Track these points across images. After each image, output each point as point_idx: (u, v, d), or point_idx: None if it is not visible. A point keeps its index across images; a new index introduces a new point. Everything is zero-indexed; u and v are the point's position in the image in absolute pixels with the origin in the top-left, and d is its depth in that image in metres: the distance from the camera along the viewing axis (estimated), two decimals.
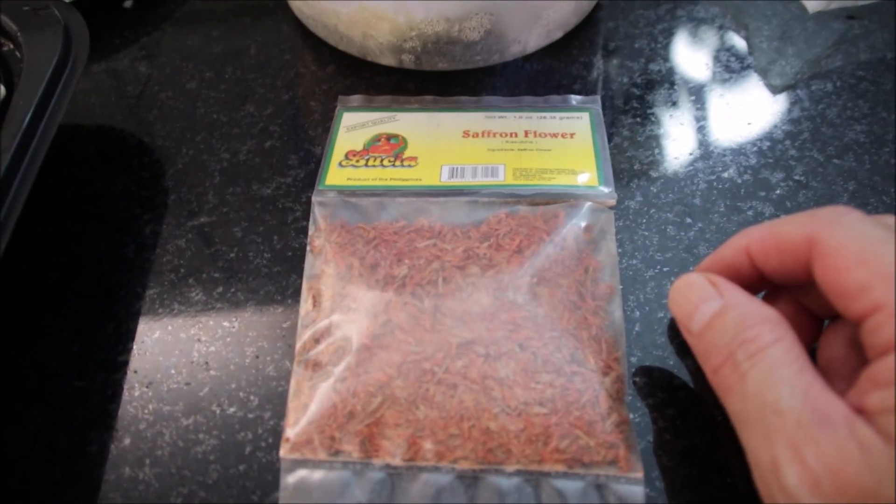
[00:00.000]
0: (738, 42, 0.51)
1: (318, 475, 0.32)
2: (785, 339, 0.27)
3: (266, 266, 0.40)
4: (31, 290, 0.40)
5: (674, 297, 0.32)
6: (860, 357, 0.28)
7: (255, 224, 0.42)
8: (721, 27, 0.52)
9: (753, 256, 0.31)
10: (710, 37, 0.51)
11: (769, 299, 0.33)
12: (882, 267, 0.25)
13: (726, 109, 0.47)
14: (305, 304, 0.37)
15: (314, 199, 0.41)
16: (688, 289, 0.31)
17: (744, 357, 0.27)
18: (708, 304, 0.30)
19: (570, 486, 0.31)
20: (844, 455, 0.23)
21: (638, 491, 0.31)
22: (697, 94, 0.48)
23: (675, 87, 0.48)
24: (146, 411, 0.36)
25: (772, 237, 0.30)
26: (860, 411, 0.25)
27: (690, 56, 0.50)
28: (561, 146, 0.43)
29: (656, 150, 0.45)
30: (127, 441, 0.35)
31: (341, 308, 0.36)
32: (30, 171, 0.36)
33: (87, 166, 0.46)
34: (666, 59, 0.50)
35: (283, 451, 0.33)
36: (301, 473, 0.32)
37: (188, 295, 0.40)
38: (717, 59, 0.50)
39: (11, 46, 0.43)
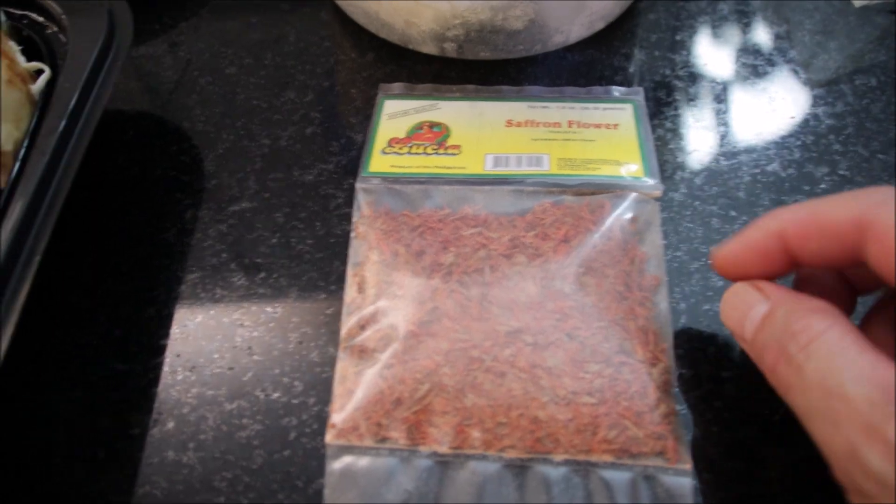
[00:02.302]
0: (780, 36, 0.50)
1: (364, 462, 0.32)
2: (836, 324, 0.26)
3: (309, 252, 0.40)
4: (73, 274, 0.40)
5: (724, 309, 0.31)
6: None
7: (297, 210, 0.42)
8: (763, 21, 0.52)
9: (790, 241, 0.29)
10: (752, 30, 0.51)
11: (805, 276, 0.33)
12: None
13: (769, 103, 0.46)
14: (350, 291, 0.37)
15: (358, 185, 0.41)
16: (735, 297, 0.31)
17: (797, 349, 0.26)
18: (756, 308, 0.29)
19: (618, 477, 0.31)
20: None
21: (686, 483, 0.31)
22: (740, 87, 0.47)
23: (717, 79, 0.48)
24: (189, 395, 0.36)
25: (813, 222, 0.29)
26: None
27: (732, 49, 0.50)
28: (605, 137, 0.42)
29: (700, 143, 0.44)
30: (170, 424, 0.35)
31: (387, 295, 0.36)
32: (76, 153, 0.36)
33: (126, 151, 0.46)
34: (708, 51, 0.50)
35: (329, 437, 0.33)
36: (347, 460, 0.32)
37: (230, 280, 0.40)
38: (758, 52, 0.49)
39: (56, 29, 0.42)
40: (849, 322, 0.27)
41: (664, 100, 0.47)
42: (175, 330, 0.38)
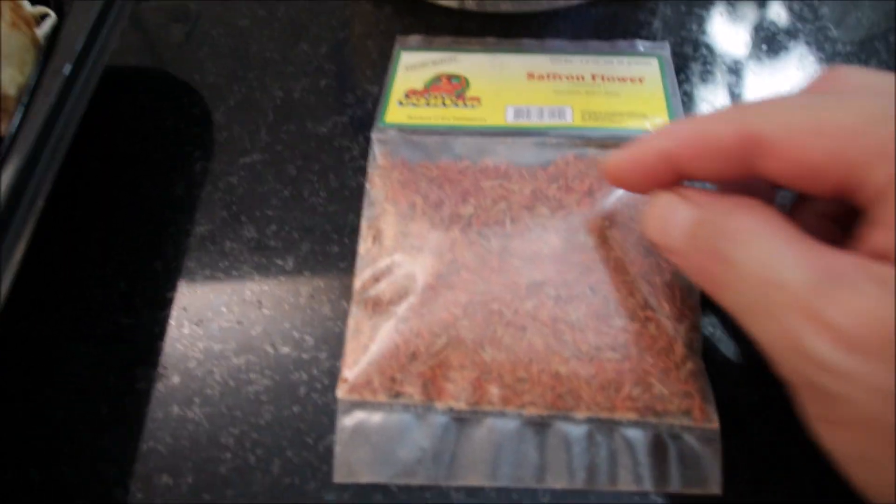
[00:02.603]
0: None
1: (377, 418, 0.31)
2: (767, 216, 0.25)
3: (322, 205, 0.39)
4: (78, 228, 0.39)
5: (647, 222, 0.30)
6: (835, 227, 0.28)
7: (311, 162, 0.41)
8: None
9: (678, 162, 0.28)
10: None
11: None
12: (839, 126, 0.24)
13: (799, 59, 0.45)
14: (365, 243, 0.36)
15: (374, 136, 0.39)
16: (659, 208, 0.29)
17: (730, 247, 0.25)
18: (683, 216, 0.28)
19: (642, 436, 0.30)
20: (872, 300, 0.21)
21: (713, 442, 0.30)
22: (769, 43, 0.46)
23: (746, 36, 0.46)
24: (196, 349, 0.35)
25: (697, 140, 0.27)
26: (875, 258, 0.23)
27: (760, 6, 0.48)
28: (630, 90, 0.41)
29: (728, 98, 0.43)
30: (176, 379, 0.34)
31: (403, 247, 0.34)
32: (81, 98, 0.35)
33: (135, 105, 0.45)
34: (736, 7, 0.48)
35: (341, 392, 0.31)
36: (359, 416, 0.31)
37: (240, 232, 0.38)
38: (790, 8, 0.48)
39: None
40: (778, 212, 0.25)
41: (691, 55, 0.45)
42: (182, 283, 0.37)
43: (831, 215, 0.29)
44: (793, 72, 0.44)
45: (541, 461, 0.30)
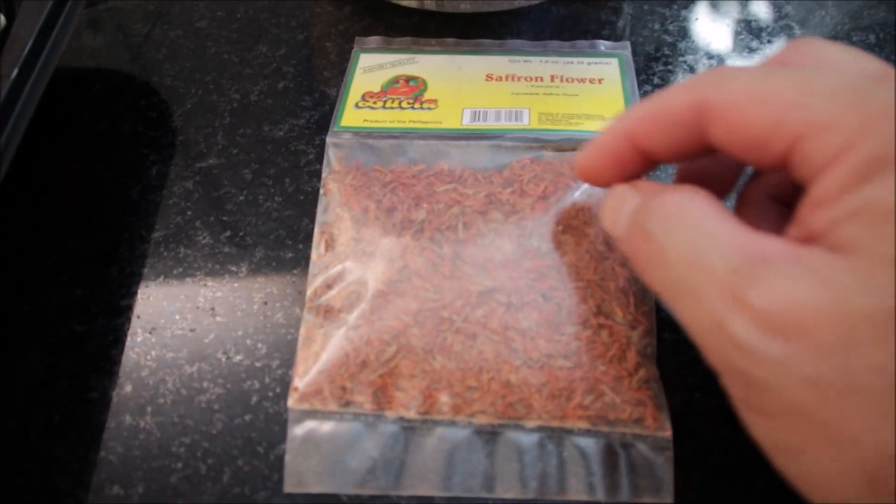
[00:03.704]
0: None
1: (327, 427, 0.31)
2: (696, 197, 0.25)
3: (276, 210, 0.39)
4: (32, 232, 0.38)
5: (602, 213, 0.30)
6: (781, 208, 0.28)
7: (266, 166, 0.40)
8: None
9: (638, 140, 0.28)
10: None
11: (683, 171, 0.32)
12: (782, 96, 0.23)
13: (762, 58, 0.44)
14: (318, 249, 0.35)
15: (329, 140, 0.39)
16: (611, 198, 0.29)
17: (656, 226, 0.25)
18: (629, 202, 0.28)
19: (594, 445, 0.30)
20: (794, 284, 0.21)
21: (665, 451, 0.29)
22: (732, 43, 0.45)
23: (709, 35, 0.46)
24: (148, 358, 0.34)
25: (653, 115, 0.27)
26: (806, 241, 0.23)
27: (725, 4, 0.48)
28: (589, 91, 0.41)
29: None
30: (128, 388, 0.33)
31: (356, 253, 0.34)
32: (30, 100, 0.35)
33: (92, 106, 0.44)
34: (699, 6, 0.48)
35: (292, 402, 0.31)
36: (310, 425, 0.31)
37: (195, 238, 0.38)
38: (752, 9, 0.47)
39: None
40: (711, 196, 0.25)
41: (653, 55, 0.45)
42: (137, 290, 0.36)
43: (780, 197, 0.29)
44: None
45: (492, 470, 0.30)
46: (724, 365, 0.23)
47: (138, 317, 0.35)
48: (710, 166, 0.31)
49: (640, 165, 0.29)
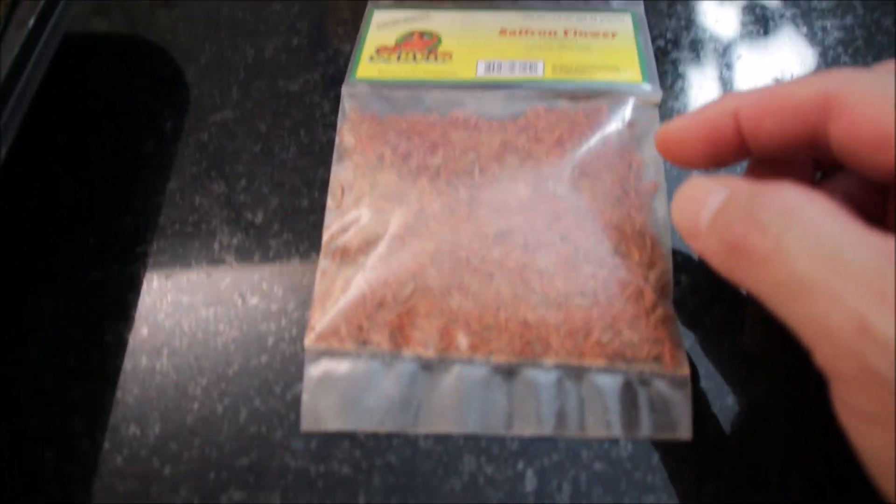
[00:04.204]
0: None
1: (344, 366, 0.31)
2: (810, 192, 0.23)
3: (292, 160, 0.39)
4: (48, 186, 0.39)
5: (677, 205, 0.27)
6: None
7: (281, 119, 0.40)
8: None
9: (744, 122, 0.27)
10: None
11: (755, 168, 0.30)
12: None
13: (773, 13, 0.44)
14: (334, 195, 0.35)
15: (344, 91, 0.39)
16: (690, 189, 0.27)
17: (772, 219, 0.23)
18: (714, 195, 0.26)
19: (611, 382, 0.30)
20: None
21: (683, 388, 0.29)
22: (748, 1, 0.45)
23: None
24: (164, 302, 0.34)
25: (772, 100, 0.26)
26: None
27: None
28: (602, 45, 0.40)
29: (701, 54, 0.42)
30: (144, 331, 0.33)
31: (372, 198, 0.34)
32: (43, 57, 0.35)
33: (106, 63, 0.44)
34: None
35: (308, 341, 0.31)
36: (327, 364, 0.31)
37: (210, 188, 0.38)
38: None
39: None
40: (825, 194, 0.24)
41: (665, 11, 0.45)
42: (152, 238, 0.36)
43: (855, 199, 0.28)
44: (769, 26, 0.44)
45: (509, 408, 0.30)
46: (856, 368, 0.21)
47: (154, 263, 0.36)
48: (783, 171, 0.29)
49: (731, 151, 0.28)
